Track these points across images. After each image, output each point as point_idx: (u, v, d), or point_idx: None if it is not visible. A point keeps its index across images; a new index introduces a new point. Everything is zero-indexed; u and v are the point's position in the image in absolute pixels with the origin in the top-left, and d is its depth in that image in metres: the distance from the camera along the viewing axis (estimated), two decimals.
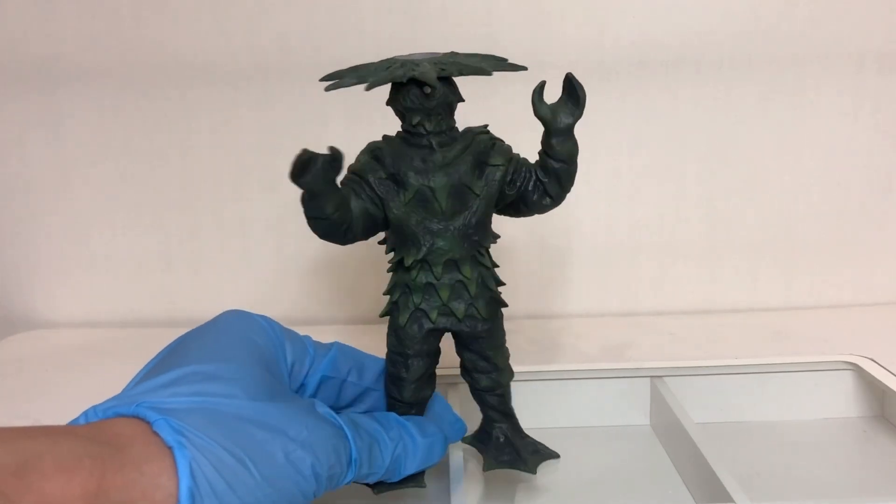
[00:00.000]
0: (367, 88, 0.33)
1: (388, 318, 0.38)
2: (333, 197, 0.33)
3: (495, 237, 0.37)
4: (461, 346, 0.38)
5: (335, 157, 0.31)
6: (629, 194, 0.56)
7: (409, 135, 0.35)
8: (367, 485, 0.36)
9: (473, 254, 0.36)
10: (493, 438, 0.39)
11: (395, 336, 0.37)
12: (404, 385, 0.37)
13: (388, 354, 0.38)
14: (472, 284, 0.36)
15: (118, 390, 0.32)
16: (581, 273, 0.57)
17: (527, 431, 0.39)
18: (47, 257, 0.58)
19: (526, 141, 0.37)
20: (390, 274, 0.38)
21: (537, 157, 0.36)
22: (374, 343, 0.40)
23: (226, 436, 0.28)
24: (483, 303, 0.37)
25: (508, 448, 0.39)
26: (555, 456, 0.39)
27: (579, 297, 0.57)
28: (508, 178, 0.36)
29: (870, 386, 0.46)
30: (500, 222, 0.38)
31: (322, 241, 0.35)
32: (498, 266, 0.38)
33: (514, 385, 0.39)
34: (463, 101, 0.35)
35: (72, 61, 0.54)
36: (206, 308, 0.57)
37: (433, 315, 0.36)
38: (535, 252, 0.57)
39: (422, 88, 0.34)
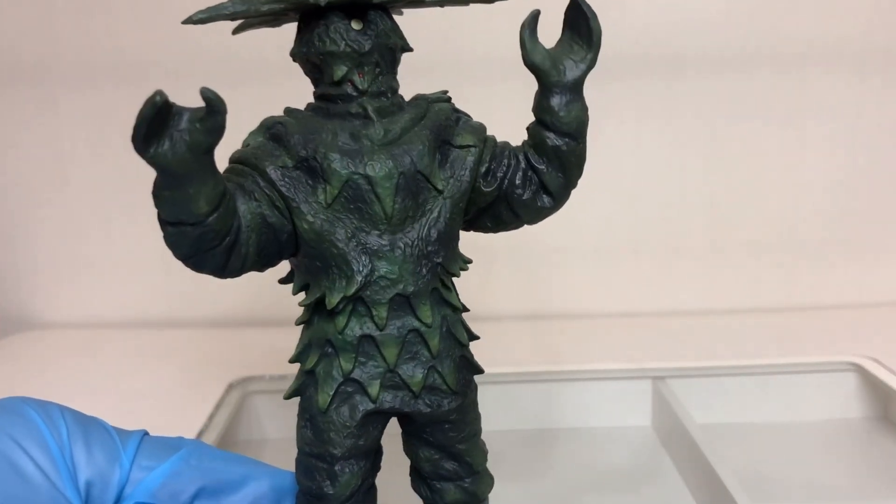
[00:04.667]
0: (238, 22, 0.22)
1: (298, 399, 0.25)
2: (209, 183, 0.20)
3: (465, 262, 0.25)
4: (414, 439, 0.26)
5: (213, 108, 0.19)
6: (630, 193, 0.56)
7: (327, 101, 0.24)
8: None
9: (436, 286, 0.24)
10: None
11: (312, 428, 0.24)
12: None
13: (300, 459, 0.25)
14: (433, 335, 0.24)
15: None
16: (581, 273, 0.57)
17: (527, 433, 0.32)
18: (45, 258, 0.57)
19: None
20: (301, 329, 0.25)
21: (526, 138, 0.25)
22: None
23: None
24: (450, 366, 0.24)
25: None
26: None
27: (579, 297, 0.57)
28: (485, 168, 0.24)
29: (873, 387, 0.46)
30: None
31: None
32: (468, 310, 0.26)
33: (514, 386, 0.36)
34: (410, 49, 0.25)
35: (69, 61, 0.54)
36: (206, 308, 0.57)
37: (374, 389, 0.24)
38: (535, 251, 0.57)
39: (349, 19, 0.23)
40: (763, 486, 0.40)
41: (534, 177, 0.25)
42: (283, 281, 0.26)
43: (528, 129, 0.25)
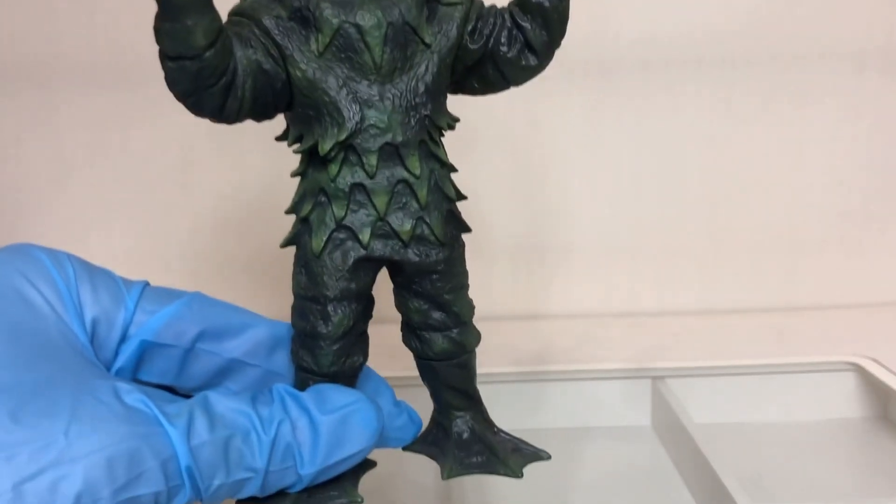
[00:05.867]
0: None
1: (298, 253, 0.27)
2: (206, 17, 0.22)
3: (453, 120, 0.26)
4: (404, 290, 0.27)
5: None
6: (630, 193, 0.56)
7: None
8: None
9: (423, 138, 0.25)
10: (452, 436, 0.28)
11: (307, 272, 0.26)
12: (322, 347, 0.26)
13: (295, 304, 0.27)
14: (421, 187, 0.25)
15: None
16: (581, 273, 0.57)
17: (526, 433, 0.31)
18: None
19: None
20: (297, 182, 0.26)
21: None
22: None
23: None
24: (438, 218, 0.25)
25: (478, 446, 0.28)
26: (544, 456, 0.29)
27: (579, 297, 0.57)
28: (471, 26, 0.25)
29: (872, 387, 0.46)
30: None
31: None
32: (456, 169, 0.27)
33: (512, 385, 0.36)
34: None
35: (70, 60, 0.54)
36: None
37: (365, 235, 0.25)
38: (535, 251, 0.57)
39: None
40: (763, 485, 0.40)
41: (519, 35, 0.25)
42: (279, 138, 0.26)
43: None
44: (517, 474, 0.28)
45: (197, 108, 0.24)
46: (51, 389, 0.21)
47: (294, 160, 0.26)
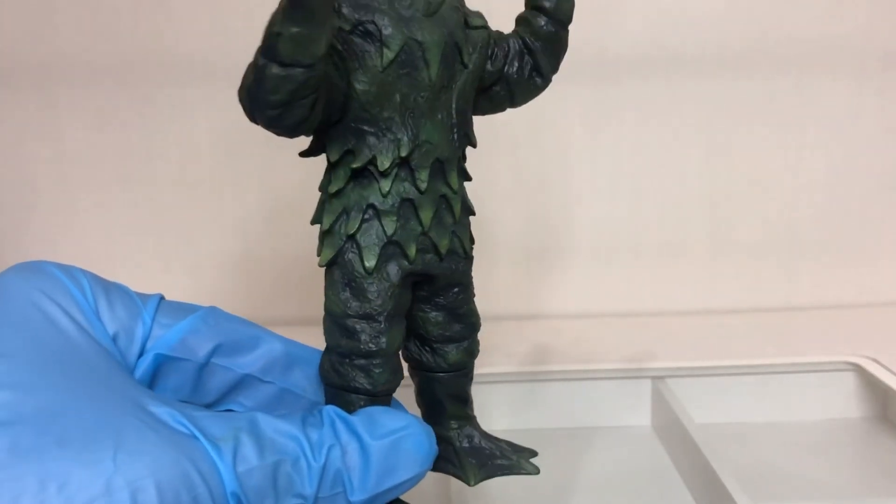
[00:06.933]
0: None
1: (338, 272, 0.25)
2: (329, 27, 0.21)
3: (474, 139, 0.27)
4: (423, 304, 0.27)
5: None
6: (630, 193, 0.56)
7: None
8: None
9: (459, 155, 0.26)
10: (458, 445, 0.28)
11: (354, 291, 0.25)
12: (378, 365, 0.25)
13: (340, 324, 0.25)
14: (457, 202, 0.26)
15: None
16: (581, 273, 0.57)
17: (526, 433, 0.32)
18: (45, 258, 0.57)
19: None
20: (323, 196, 0.26)
21: (517, 26, 0.28)
22: None
23: None
24: (465, 231, 0.27)
25: (487, 450, 0.29)
26: (532, 452, 0.30)
27: (579, 297, 0.57)
28: (490, 49, 0.26)
29: (872, 387, 0.46)
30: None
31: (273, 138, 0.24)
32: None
33: (511, 385, 0.36)
34: None
35: (71, 61, 0.54)
36: None
37: (411, 250, 0.25)
38: (535, 251, 0.57)
39: None
40: (763, 485, 0.40)
41: (529, 60, 0.27)
42: (304, 153, 0.26)
43: (521, 17, 0.27)
44: (536, 471, 0.29)
45: (278, 120, 0.22)
46: (94, 411, 0.20)
47: (298, 165, 0.26)
